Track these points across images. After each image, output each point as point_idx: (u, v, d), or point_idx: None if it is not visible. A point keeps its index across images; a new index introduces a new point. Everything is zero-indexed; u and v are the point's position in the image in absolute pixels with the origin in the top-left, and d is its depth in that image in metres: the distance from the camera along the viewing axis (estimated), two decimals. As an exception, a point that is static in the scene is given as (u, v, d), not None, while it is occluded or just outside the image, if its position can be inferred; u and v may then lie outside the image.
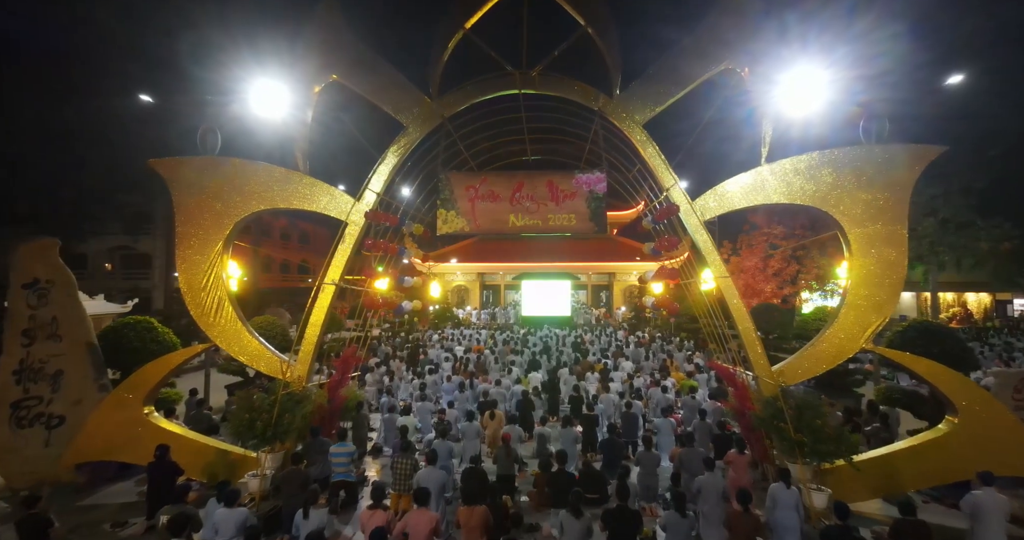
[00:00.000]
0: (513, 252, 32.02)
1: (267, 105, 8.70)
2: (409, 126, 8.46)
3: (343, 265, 8.36)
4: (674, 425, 9.46)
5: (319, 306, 8.29)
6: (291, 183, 8.22)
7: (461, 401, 11.66)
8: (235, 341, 7.99)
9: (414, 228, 9.60)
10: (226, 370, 12.32)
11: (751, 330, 7.78)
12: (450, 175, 8.64)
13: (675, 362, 15.90)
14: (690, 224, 7.97)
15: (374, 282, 8.86)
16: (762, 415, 7.32)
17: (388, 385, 12.72)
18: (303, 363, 8.16)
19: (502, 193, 8.52)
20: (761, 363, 7.69)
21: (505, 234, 8.33)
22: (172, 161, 7.90)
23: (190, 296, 7.88)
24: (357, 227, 8.37)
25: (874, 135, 7.72)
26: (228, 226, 8.04)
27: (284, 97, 8.51)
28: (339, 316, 17.60)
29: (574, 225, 8.47)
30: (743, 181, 7.78)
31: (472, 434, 9.00)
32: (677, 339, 20.46)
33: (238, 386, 12.43)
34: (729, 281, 7.86)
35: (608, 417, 11.12)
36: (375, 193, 8.43)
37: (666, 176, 8.06)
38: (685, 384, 12.29)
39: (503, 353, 17.01)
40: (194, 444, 7.60)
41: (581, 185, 8.41)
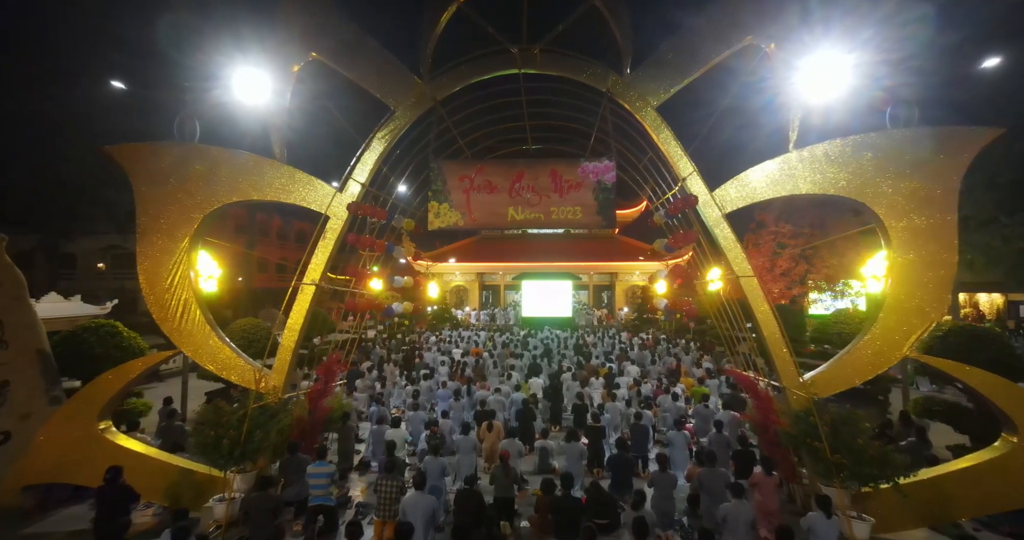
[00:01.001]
0: (513, 251, 31.17)
1: (247, 89, 7.86)
2: (397, 110, 7.62)
3: (324, 263, 7.52)
4: (688, 438, 8.62)
5: (297, 309, 7.45)
6: (265, 172, 7.38)
7: (457, 410, 10.82)
8: (203, 348, 7.15)
9: (404, 223, 8.75)
10: (206, 376, 11.45)
11: (778, 336, 6.93)
12: (442, 164, 7.80)
13: (683, 366, 15.05)
14: (709, 217, 7.13)
15: (360, 282, 8.01)
16: (792, 431, 6.48)
17: (379, 392, 11.86)
18: (279, 372, 7.32)
19: (500, 184, 7.68)
20: (789, 372, 6.85)
21: (503, 229, 7.45)
22: (131, 148, 7.06)
23: (152, 297, 7.04)
24: (340, 221, 7.53)
25: (902, 122, 6.96)
26: (196, 220, 7.20)
27: (262, 79, 7.68)
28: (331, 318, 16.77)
29: (580, 219, 7.62)
30: (768, 169, 6.93)
31: (468, 448, 8.16)
32: (683, 341, 19.61)
33: (218, 394, 11.59)
34: (754, 281, 7.02)
35: (615, 428, 10.29)
36: (360, 184, 7.58)
37: (682, 164, 7.22)
38: (696, 391, 11.44)
39: (502, 356, 16.17)
40: (155, 463, 6.76)
41: (588, 174, 7.57)
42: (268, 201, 7.49)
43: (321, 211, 7.47)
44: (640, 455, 8.79)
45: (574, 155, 8.02)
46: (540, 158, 7.71)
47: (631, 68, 7.39)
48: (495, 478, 7.03)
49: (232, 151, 7.34)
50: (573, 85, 7.86)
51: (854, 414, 6.19)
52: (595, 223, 7.69)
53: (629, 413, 10.98)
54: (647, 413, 9.41)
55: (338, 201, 7.50)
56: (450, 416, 10.37)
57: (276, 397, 7.16)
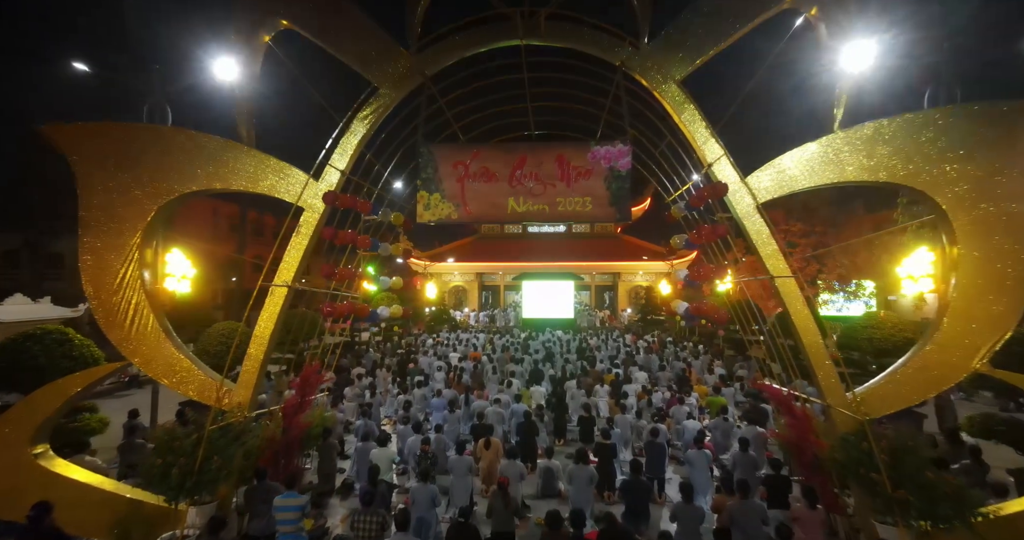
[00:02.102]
0: (513, 251, 30.20)
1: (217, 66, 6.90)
2: (382, 86, 6.63)
3: (298, 262, 6.53)
4: (709, 457, 7.63)
5: (267, 314, 6.45)
6: (230, 157, 6.38)
7: (452, 422, 9.84)
8: (156, 358, 6.15)
9: (392, 217, 7.76)
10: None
11: (820, 345, 5.94)
12: (433, 149, 6.80)
13: (693, 372, 14.08)
14: (739, 208, 6.14)
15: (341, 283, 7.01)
16: (840, 458, 5.49)
17: (368, 401, 10.86)
18: (245, 386, 6.32)
19: (499, 171, 6.68)
20: (834, 387, 5.86)
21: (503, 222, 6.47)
22: (71, 128, 6.06)
23: (97, 300, 6.04)
24: (316, 214, 6.54)
25: (943, 104, 6.06)
26: (149, 211, 6.20)
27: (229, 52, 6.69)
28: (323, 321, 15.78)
29: (590, 212, 6.63)
30: (809, 153, 5.94)
31: (463, 470, 7.20)
32: (690, 344, 18.63)
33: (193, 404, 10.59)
34: (792, 283, 6.03)
35: (625, 443, 9.31)
36: (339, 171, 6.59)
37: (709, 147, 6.23)
38: (713, 402, 10.47)
39: (502, 361, 15.18)
40: (99, 494, 5.76)
41: (599, 160, 6.57)
42: (233, 190, 6.50)
43: (294, 202, 6.48)
44: (655, 476, 7.82)
45: (582, 138, 6.99)
46: (544, 142, 6.73)
47: (649, 38, 6.40)
48: (493, 509, 6.04)
49: (191, 133, 6.34)
50: (582, 59, 6.87)
51: (917, 440, 5.21)
52: (607, 216, 6.69)
53: (640, 426, 10.01)
54: (662, 428, 8.43)
55: (314, 191, 6.51)
56: (444, 430, 9.40)
57: (241, 415, 6.17)
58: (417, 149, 6.82)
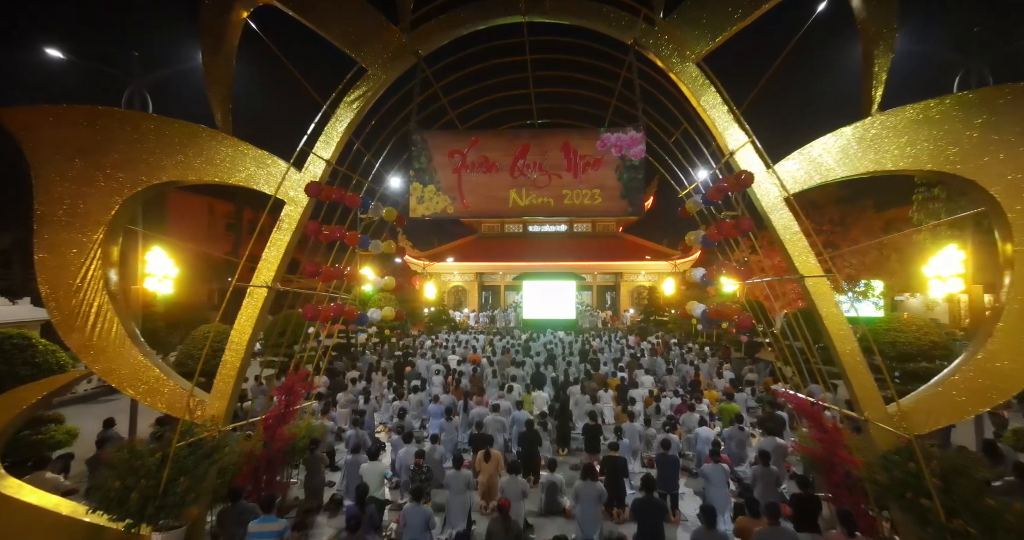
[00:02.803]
0: (513, 250, 29.59)
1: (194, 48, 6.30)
2: (371, 67, 6.02)
3: (280, 260, 5.91)
4: (727, 472, 7.02)
5: (245, 318, 5.84)
6: (204, 145, 5.77)
7: (449, 431, 9.23)
8: (120, 367, 5.53)
9: (384, 212, 7.14)
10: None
11: (856, 352, 5.32)
12: (427, 136, 6.19)
13: (702, 376, 13.44)
14: (764, 201, 5.52)
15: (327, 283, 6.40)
16: (882, 480, 4.88)
17: (362, 408, 10.25)
18: (220, 397, 5.70)
19: (500, 161, 6.07)
20: (872, 399, 5.23)
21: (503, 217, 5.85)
22: (25, 112, 5.44)
23: (54, 302, 5.42)
24: (299, 207, 5.92)
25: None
26: (114, 204, 5.59)
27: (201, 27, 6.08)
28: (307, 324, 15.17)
29: (599, 205, 6.01)
30: (844, 138, 5.32)
31: (460, 486, 6.59)
32: (696, 346, 18.01)
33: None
34: (825, 283, 5.41)
35: (633, 453, 8.69)
36: (324, 160, 5.98)
37: (731, 133, 5.61)
38: (725, 409, 9.84)
39: (502, 364, 14.56)
40: (52, 518, 5.14)
41: (609, 148, 5.96)
42: (208, 182, 5.88)
43: (275, 195, 5.87)
44: (668, 492, 7.20)
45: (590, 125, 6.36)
46: (549, 129, 6.13)
47: (665, 13, 5.78)
48: (492, 534, 5.43)
49: (160, 118, 5.73)
50: (590, 38, 6.27)
51: (971, 461, 4.60)
52: (618, 209, 6.07)
53: (649, 434, 9.40)
54: (674, 439, 7.81)
55: (296, 182, 5.90)
56: (442, 439, 8.79)
57: (215, 428, 5.55)
58: (409, 136, 6.20)
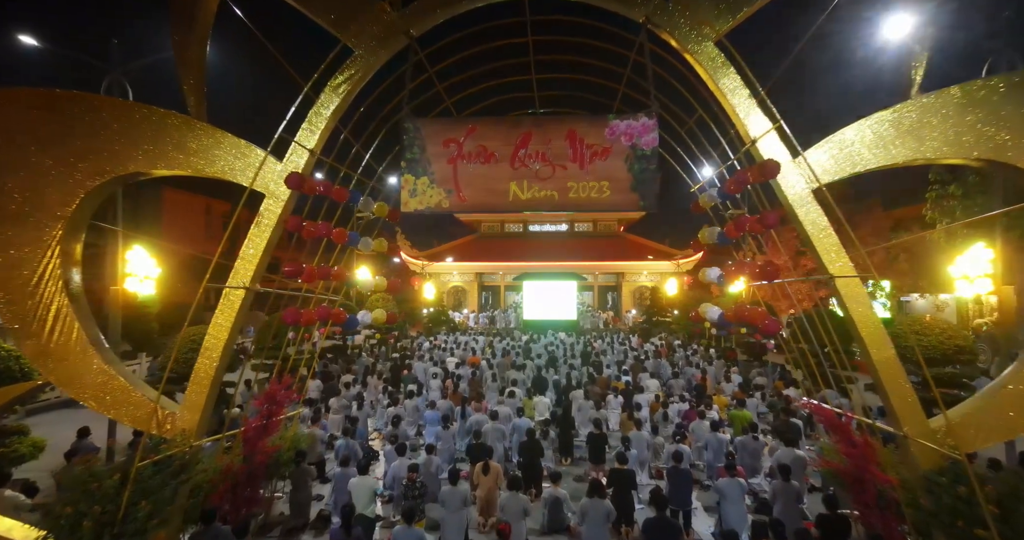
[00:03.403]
0: (513, 250, 29.05)
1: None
2: (357, 49, 5.48)
3: (258, 259, 5.38)
4: (744, 488, 6.47)
5: (220, 322, 5.30)
6: (176, 133, 5.23)
7: (446, 440, 8.71)
8: (81, 376, 4.99)
9: (375, 207, 6.61)
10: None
11: (892, 361, 4.78)
12: (420, 124, 5.65)
13: (709, 379, 12.89)
14: (790, 194, 4.99)
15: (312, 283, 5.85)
16: (929, 505, 4.34)
17: (355, 415, 9.71)
18: (192, 409, 5.16)
19: (499, 150, 5.53)
20: (912, 412, 4.69)
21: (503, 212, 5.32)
22: (-26, 94, 4.92)
23: (8, 305, 4.89)
24: (278, 201, 5.39)
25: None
26: (75, 198, 5.04)
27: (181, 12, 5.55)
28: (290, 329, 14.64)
29: (607, 198, 5.47)
30: (881, 124, 4.78)
31: (456, 503, 6.05)
32: (701, 348, 17.46)
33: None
34: (858, 284, 4.88)
35: (641, 464, 8.16)
36: (307, 150, 5.44)
37: (754, 119, 5.08)
38: (736, 417, 9.28)
39: (502, 366, 14.02)
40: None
41: (618, 137, 5.42)
42: (180, 173, 5.34)
43: (254, 187, 5.34)
44: (681, 508, 6.67)
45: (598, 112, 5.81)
46: (553, 116, 5.58)
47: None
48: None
49: (126, 103, 5.23)
50: (597, 16, 5.74)
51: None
52: (628, 203, 5.52)
53: (657, 443, 8.88)
54: (685, 451, 7.27)
55: (277, 174, 5.36)
56: (438, 448, 8.28)
57: (186, 444, 5.02)
58: (401, 124, 5.67)
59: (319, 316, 5.75)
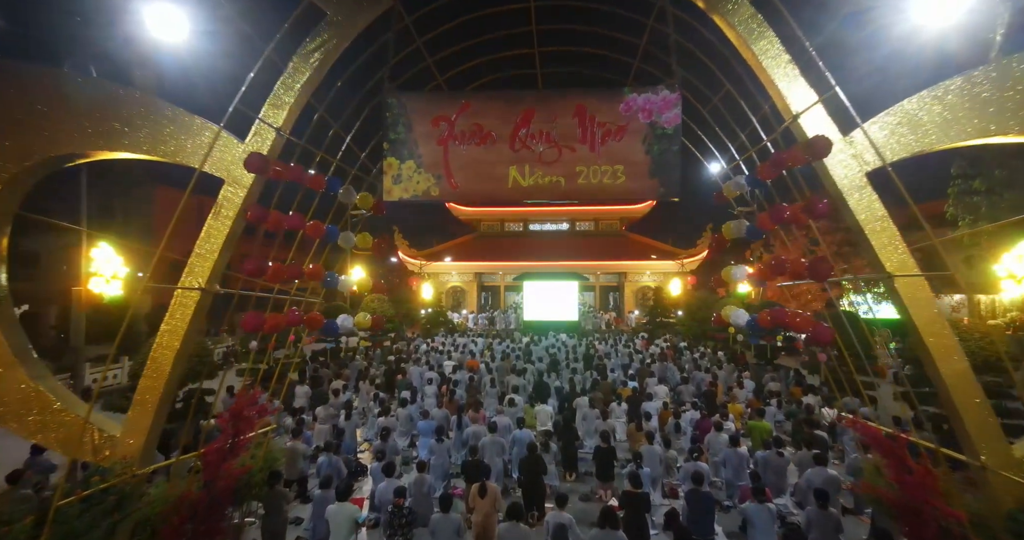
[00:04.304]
0: (513, 249, 28.25)
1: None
2: (330, 11, 4.69)
3: (217, 254, 4.58)
4: (774, 513, 5.67)
5: (170, 329, 4.50)
6: (120, 108, 4.43)
7: (440, 454, 7.88)
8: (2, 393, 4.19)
9: (359, 198, 5.80)
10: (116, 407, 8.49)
11: (968, 377, 3.98)
12: (405, 100, 4.85)
13: (720, 385, 12.08)
14: (843, 177, 4.19)
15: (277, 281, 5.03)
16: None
17: (341, 426, 8.90)
18: (136, 432, 4.36)
19: (497, 129, 4.74)
20: (992, 439, 3.89)
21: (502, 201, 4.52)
22: None
23: (-86, 311, 4.09)
24: (240, 188, 4.59)
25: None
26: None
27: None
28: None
29: (622, 184, 4.67)
30: (953, 92, 3.98)
31: (448, 532, 5.27)
32: (708, 350, 16.64)
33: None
34: (922, 284, 4.07)
35: (653, 482, 7.34)
36: (273, 128, 4.64)
37: (796, 90, 4.27)
38: (755, 428, 8.46)
39: (502, 371, 13.22)
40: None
41: (635, 113, 4.63)
42: (125, 155, 4.54)
43: (213, 172, 4.54)
44: (703, 539, 5.86)
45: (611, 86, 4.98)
46: (559, 89, 4.80)
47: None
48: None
49: (58, 72, 4.39)
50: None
51: None
52: (646, 191, 4.72)
53: (669, 458, 8.06)
54: (705, 470, 6.47)
55: (238, 156, 4.56)
56: (431, 464, 7.50)
57: (128, 473, 4.22)
58: (383, 99, 4.86)
59: (289, 321, 4.94)
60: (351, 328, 5.68)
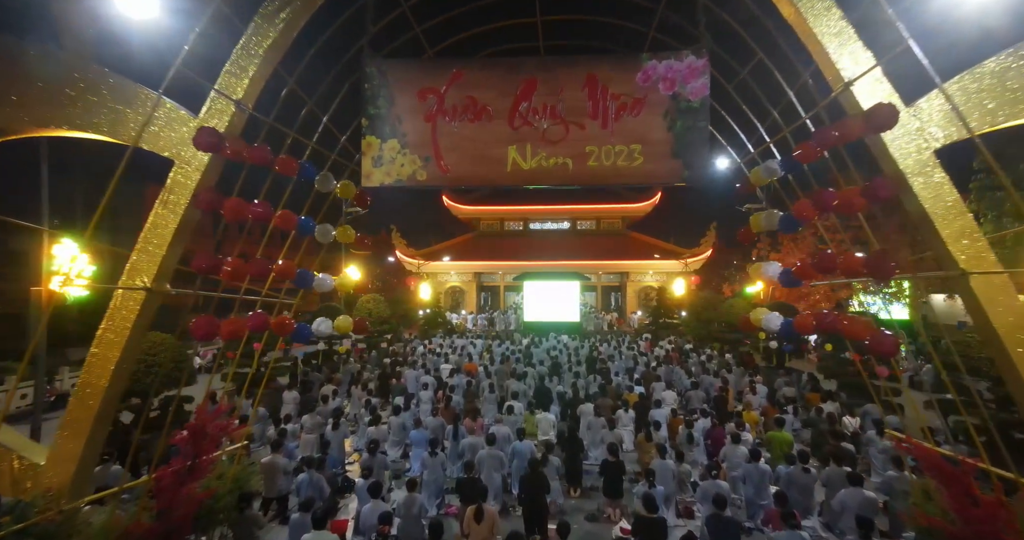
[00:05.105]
0: (513, 249, 27.53)
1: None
2: (301, -37, 3.98)
3: (166, 248, 3.87)
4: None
5: (108, 336, 3.79)
6: (39, 73, 3.72)
7: (433, 469, 7.15)
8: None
9: (340, 187, 5.07)
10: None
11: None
12: (387, 67, 4.14)
13: (731, 390, 11.35)
14: (906, 155, 3.48)
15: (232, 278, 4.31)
16: None
17: (328, 437, 8.18)
18: (63, 459, 3.65)
19: (494, 103, 4.03)
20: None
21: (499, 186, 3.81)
22: None
23: None
24: (192, 171, 3.88)
25: None
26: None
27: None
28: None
29: (639, 166, 3.97)
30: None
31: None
32: (715, 352, 15.91)
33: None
34: (1005, 281, 3.36)
35: (667, 501, 6.63)
36: (232, 100, 3.92)
37: (848, 53, 3.56)
38: (775, 439, 7.72)
39: (501, 374, 12.50)
40: None
41: (655, 83, 3.92)
42: (48, 131, 3.82)
43: (154, 150, 3.83)
44: (727, 570, 5.14)
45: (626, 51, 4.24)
46: (566, 56, 4.09)
47: None
48: None
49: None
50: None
51: None
52: (667, 173, 4.02)
53: (683, 472, 7.33)
54: (726, 490, 5.76)
55: (190, 133, 3.85)
56: (424, 479, 6.81)
57: (55, 508, 3.50)
58: (361, 68, 4.15)
59: (254, 326, 4.23)
60: (328, 333, 4.97)
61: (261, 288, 5.21)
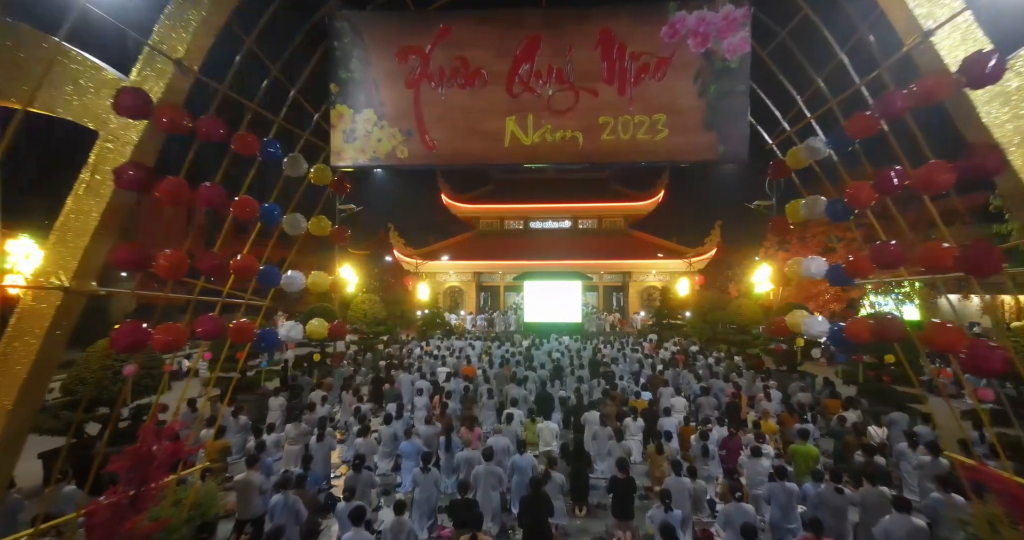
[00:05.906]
0: (513, 248, 26.80)
1: None
2: None
3: (88, 241, 3.16)
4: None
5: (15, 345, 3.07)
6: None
7: (426, 486, 6.44)
8: None
9: (314, 171, 4.34)
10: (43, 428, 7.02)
11: None
12: (358, 20, 3.41)
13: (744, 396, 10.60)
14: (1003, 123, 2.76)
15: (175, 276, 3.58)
16: None
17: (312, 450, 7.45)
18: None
19: (489, 65, 3.31)
20: None
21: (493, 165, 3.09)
22: None
23: None
24: (122, 145, 3.17)
25: None
26: None
27: None
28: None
29: (663, 141, 3.24)
30: None
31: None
32: (723, 355, 15.18)
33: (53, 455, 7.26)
34: None
35: (683, 525, 5.90)
36: (171, 60, 3.21)
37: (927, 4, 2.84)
38: (799, 454, 6.98)
39: (500, 378, 11.78)
40: None
41: (683, 39, 3.20)
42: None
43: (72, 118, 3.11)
44: (756, 610, 4.42)
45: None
46: (575, 7, 3.37)
47: None
48: None
49: None
50: None
51: None
52: (698, 149, 3.30)
53: (698, 489, 6.59)
54: (752, 516, 5.04)
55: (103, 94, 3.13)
56: (415, 498, 6.13)
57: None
58: (329, 23, 3.42)
59: (207, 331, 3.50)
60: (298, 338, 4.25)
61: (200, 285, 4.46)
